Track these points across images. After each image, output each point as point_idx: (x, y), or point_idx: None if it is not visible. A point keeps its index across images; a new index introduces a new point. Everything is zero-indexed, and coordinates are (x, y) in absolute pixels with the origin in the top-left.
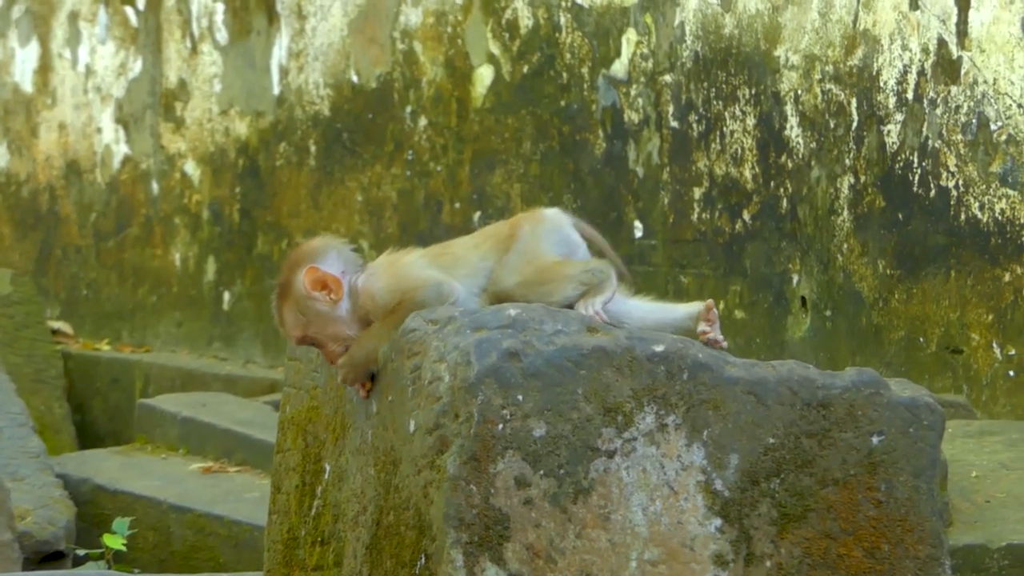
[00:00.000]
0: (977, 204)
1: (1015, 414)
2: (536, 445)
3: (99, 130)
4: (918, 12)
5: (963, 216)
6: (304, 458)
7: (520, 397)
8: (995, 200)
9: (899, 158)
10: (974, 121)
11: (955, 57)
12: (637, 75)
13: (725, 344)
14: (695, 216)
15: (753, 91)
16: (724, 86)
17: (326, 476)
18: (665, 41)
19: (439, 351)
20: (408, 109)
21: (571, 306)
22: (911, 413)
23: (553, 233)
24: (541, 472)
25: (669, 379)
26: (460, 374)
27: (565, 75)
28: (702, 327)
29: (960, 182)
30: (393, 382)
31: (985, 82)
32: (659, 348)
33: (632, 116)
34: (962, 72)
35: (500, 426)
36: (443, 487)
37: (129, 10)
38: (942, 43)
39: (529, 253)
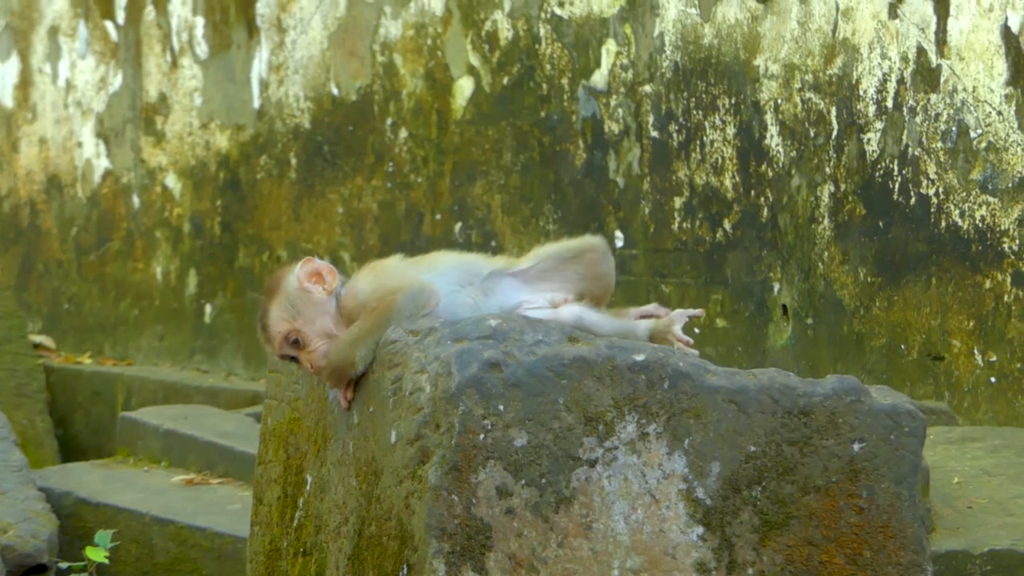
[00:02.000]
0: (957, 211)
1: (996, 420)
2: (518, 455)
3: (80, 144)
4: (897, 21)
5: (943, 223)
6: (286, 469)
7: (501, 407)
8: (975, 207)
9: (879, 166)
10: (954, 129)
11: (934, 65)
12: (617, 85)
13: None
14: (676, 225)
15: (733, 100)
16: (704, 96)
17: (308, 487)
18: (645, 51)
19: (420, 362)
20: (388, 121)
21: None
22: (892, 420)
23: None
24: (523, 482)
25: (650, 388)
26: (441, 385)
27: (545, 86)
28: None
29: (940, 189)
30: (374, 393)
31: (964, 90)
32: (639, 357)
33: (612, 126)
34: (941, 80)
35: (481, 436)
36: (425, 497)
37: (109, 25)
38: (921, 51)
39: None
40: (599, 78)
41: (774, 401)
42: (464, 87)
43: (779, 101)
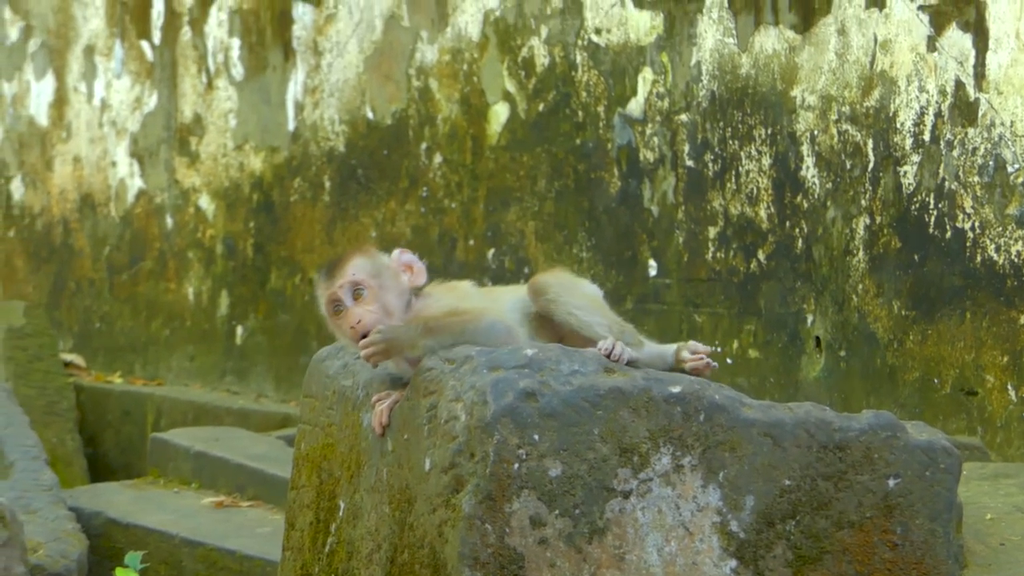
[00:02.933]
0: (993, 246)
1: None
2: (552, 485)
3: (114, 164)
4: (935, 54)
5: (979, 258)
6: (319, 495)
7: (536, 437)
8: (1011, 242)
9: (915, 199)
10: (991, 163)
11: (972, 99)
12: (653, 114)
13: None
14: (710, 255)
15: (769, 131)
16: (740, 126)
17: (340, 513)
18: (681, 80)
19: (456, 390)
20: (423, 146)
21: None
22: (928, 456)
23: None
24: (556, 512)
25: (685, 420)
26: (476, 413)
27: (581, 113)
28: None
29: (976, 224)
30: (409, 420)
31: (1002, 124)
32: (676, 389)
33: (647, 155)
34: (979, 114)
35: (516, 465)
36: (458, 526)
37: (145, 45)
38: (959, 85)
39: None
40: (635, 106)
41: (809, 435)
42: (499, 113)
43: (815, 132)
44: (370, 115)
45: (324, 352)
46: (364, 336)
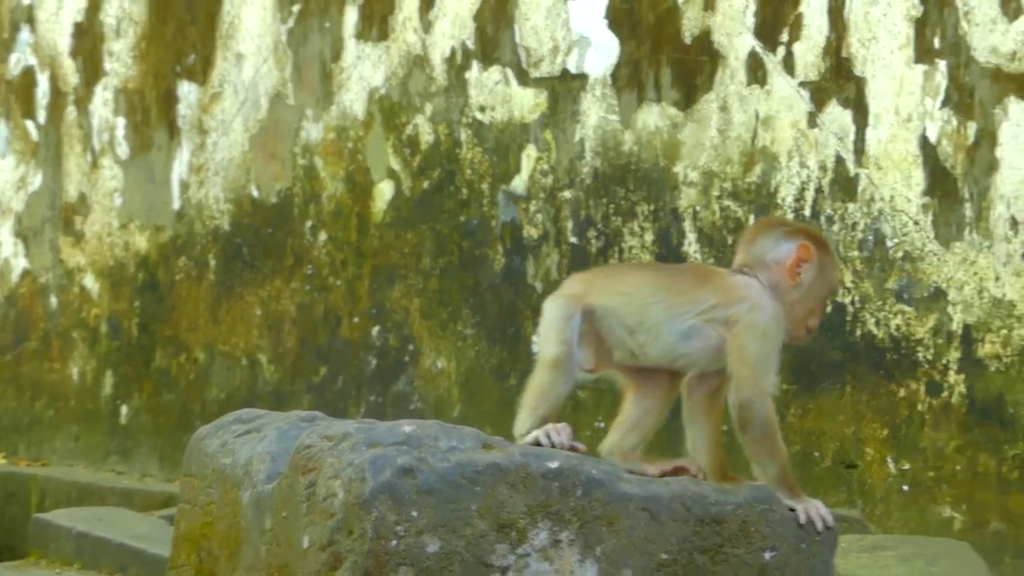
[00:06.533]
0: (873, 320)
1: (908, 528)
2: (430, 561)
3: None
4: (816, 130)
5: (859, 332)
6: (198, 574)
7: (414, 513)
8: (891, 316)
9: None
10: (871, 238)
11: (852, 174)
12: (536, 191)
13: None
14: None
15: (652, 207)
16: (623, 202)
17: None
18: (565, 157)
19: (334, 467)
20: (308, 224)
21: None
22: (803, 529)
23: None
24: None
25: (563, 495)
26: (354, 490)
27: (465, 190)
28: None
29: (856, 298)
30: (288, 498)
31: (882, 199)
32: (553, 464)
33: (531, 231)
34: (859, 189)
35: (394, 542)
36: None
37: (30, 124)
38: (840, 160)
39: None
40: (519, 183)
41: (686, 509)
42: (384, 190)
43: (698, 208)
44: (255, 193)
45: (204, 431)
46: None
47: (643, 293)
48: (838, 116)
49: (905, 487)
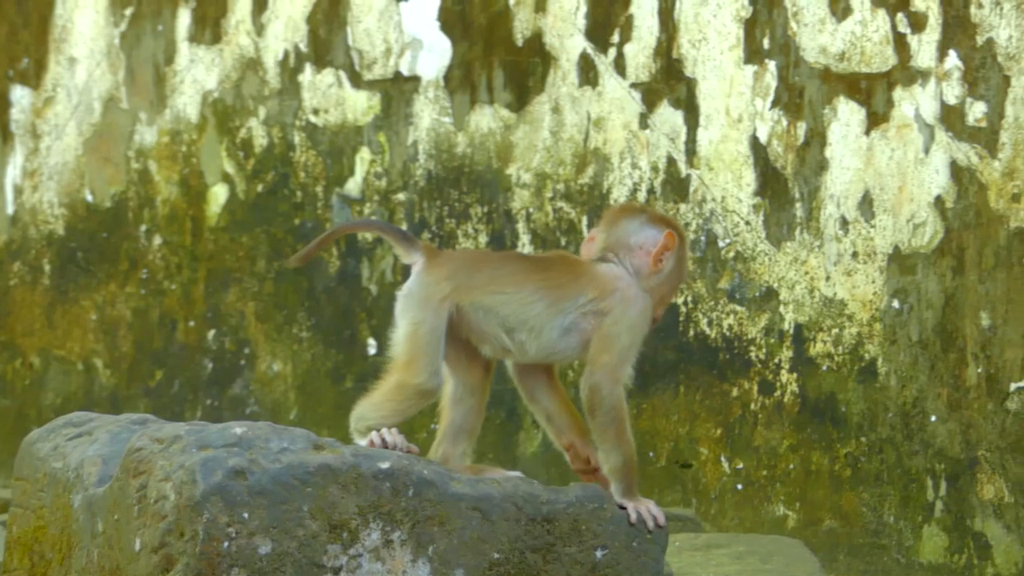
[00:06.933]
0: (706, 320)
1: (743, 527)
2: (262, 562)
3: None
4: (647, 131)
5: (692, 332)
6: None
7: (246, 515)
8: (723, 316)
9: None
10: (702, 238)
11: (684, 175)
12: (371, 193)
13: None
14: None
15: (485, 209)
16: (457, 204)
17: None
18: (399, 160)
19: (165, 470)
20: (143, 228)
21: None
22: (634, 527)
23: None
24: None
25: (394, 495)
26: (186, 493)
27: (299, 193)
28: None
29: (689, 298)
30: (119, 501)
31: (713, 199)
32: (384, 465)
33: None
34: (691, 190)
35: (226, 544)
36: None
37: None
38: (671, 161)
39: None
40: (353, 186)
41: (518, 508)
42: (219, 194)
43: (531, 210)
44: (89, 198)
45: (35, 435)
46: None
47: (523, 293)
48: (669, 117)
49: (739, 486)
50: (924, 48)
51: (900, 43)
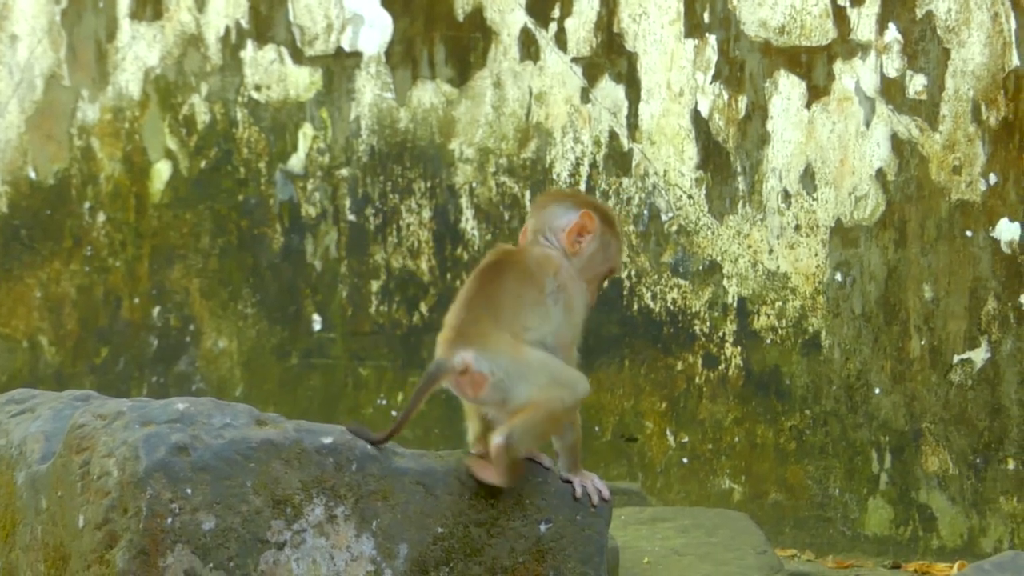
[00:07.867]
0: (649, 294)
1: (688, 500)
2: (206, 538)
3: None
4: (589, 105)
5: (636, 306)
6: None
7: (189, 491)
8: (667, 290)
9: None
10: (645, 212)
11: (626, 149)
12: (314, 169)
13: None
14: (373, 309)
15: (429, 184)
16: (400, 179)
17: None
18: (341, 135)
19: (108, 446)
20: (86, 205)
21: None
22: (578, 501)
23: None
24: (211, 565)
25: (338, 470)
26: (128, 469)
27: (243, 170)
28: None
29: (632, 272)
30: (63, 478)
31: (655, 173)
32: (327, 440)
33: (309, 210)
34: (633, 164)
35: (169, 520)
36: None
37: None
38: (613, 135)
39: None
40: (296, 162)
41: (461, 483)
42: (162, 171)
43: (474, 185)
44: (32, 175)
45: None
46: None
47: (530, 354)
48: (611, 91)
49: (684, 459)
50: (864, 21)
51: (840, 16)
